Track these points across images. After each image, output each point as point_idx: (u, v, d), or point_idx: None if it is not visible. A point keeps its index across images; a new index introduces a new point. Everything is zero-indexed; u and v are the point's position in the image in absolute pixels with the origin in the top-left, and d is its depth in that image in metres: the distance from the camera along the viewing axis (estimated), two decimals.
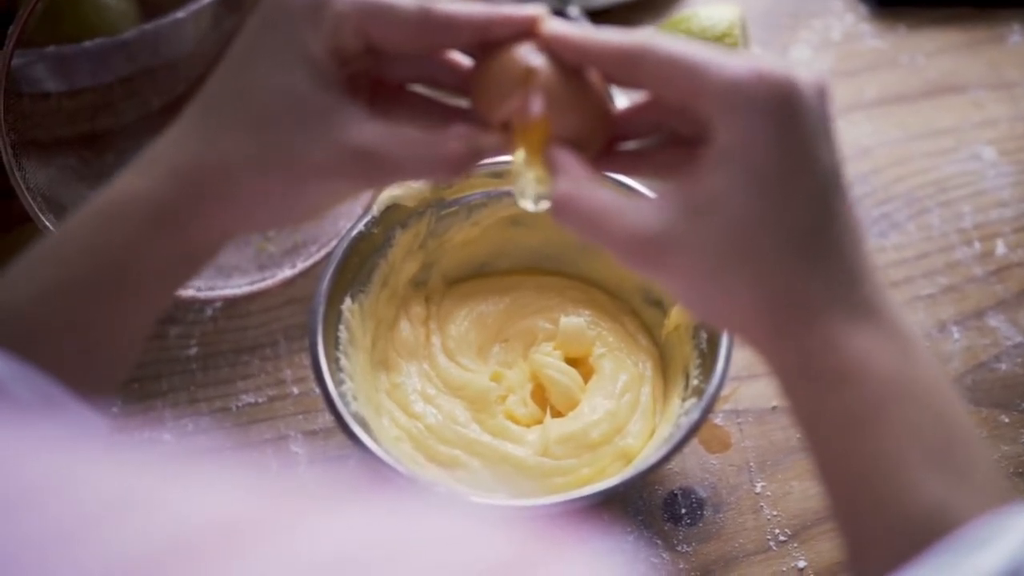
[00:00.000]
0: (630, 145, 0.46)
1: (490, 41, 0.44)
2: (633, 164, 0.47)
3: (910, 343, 0.41)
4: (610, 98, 0.45)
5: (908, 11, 0.90)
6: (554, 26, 0.43)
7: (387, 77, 0.46)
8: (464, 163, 0.43)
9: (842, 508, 0.41)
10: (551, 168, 0.43)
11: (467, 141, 0.43)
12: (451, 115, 0.47)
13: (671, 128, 0.45)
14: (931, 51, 0.88)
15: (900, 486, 0.39)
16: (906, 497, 0.39)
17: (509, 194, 0.66)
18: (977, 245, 0.75)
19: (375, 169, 0.43)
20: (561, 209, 0.42)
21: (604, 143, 0.45)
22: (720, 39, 0.70)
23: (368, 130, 0.42)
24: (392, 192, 0.64)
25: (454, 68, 0.46)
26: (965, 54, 0.87)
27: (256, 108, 0.42)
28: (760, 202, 0.39)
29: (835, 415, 0.40)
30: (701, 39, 0.70)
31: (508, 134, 0.44)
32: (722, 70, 0.40)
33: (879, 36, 0.89)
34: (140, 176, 0.43)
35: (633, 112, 0.45)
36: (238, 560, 0.22)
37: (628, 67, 0.42)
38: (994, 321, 0.71)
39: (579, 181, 0.42)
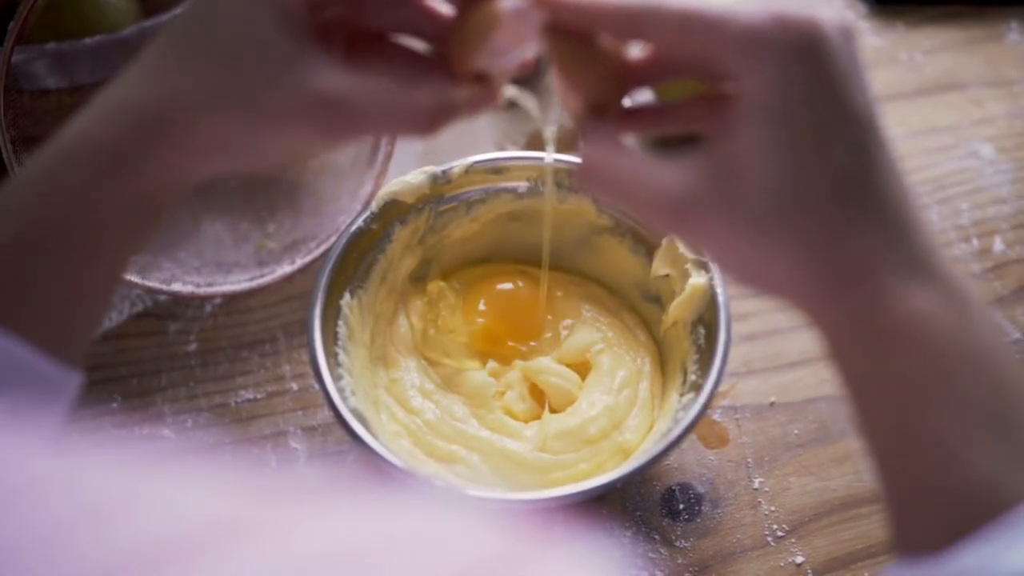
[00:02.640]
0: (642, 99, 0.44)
1: None
2: (657, 120, 0.44)
3: (968, 304, 0.38)
4: (624, 51, 0.42)
5: (906, 9, 0.90)
6: None
7: (365, 25, 0.44)
8: (435, 118, 0.41)
9: (890, 482, 0.39)
10: (579, 132, 0.41)
11: (438, 94, 0.41)
12: (433, 68, 0.44)
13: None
14: (929, 49, 0.88)
15: (953, 459, 0.36)
16: (960, 471, 0.36)
17: (508, 190, 0.66)
18: (975, 242, 0.75)
19: (339, 120, 0.41)
20: (588, 176, 0.40)
21: (623, 98, 0.43)
22: None
23: (334, 78, 0.40)
24: (391, 188, 0.64)
25: (435, 17, 0.44)
26: (963, 52, 0.88)
27: (218, 47, 0.41)
28: (794, 155, 0.37)
29: (886, 381, 0.38)
30: None
31: (482, 87, 0.42)
32: (739, 20, 0.37)
33: (878, 34, 0.89)
34: (90, 117, 0.41)
35: (650, 60, 0.43)
36: (236, 556, 0.22)
37: (633, 28, 0.39)
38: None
39: (604, 145, 0.40)
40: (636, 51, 0.43)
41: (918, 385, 0.37)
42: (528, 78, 0.44)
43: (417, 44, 0.46)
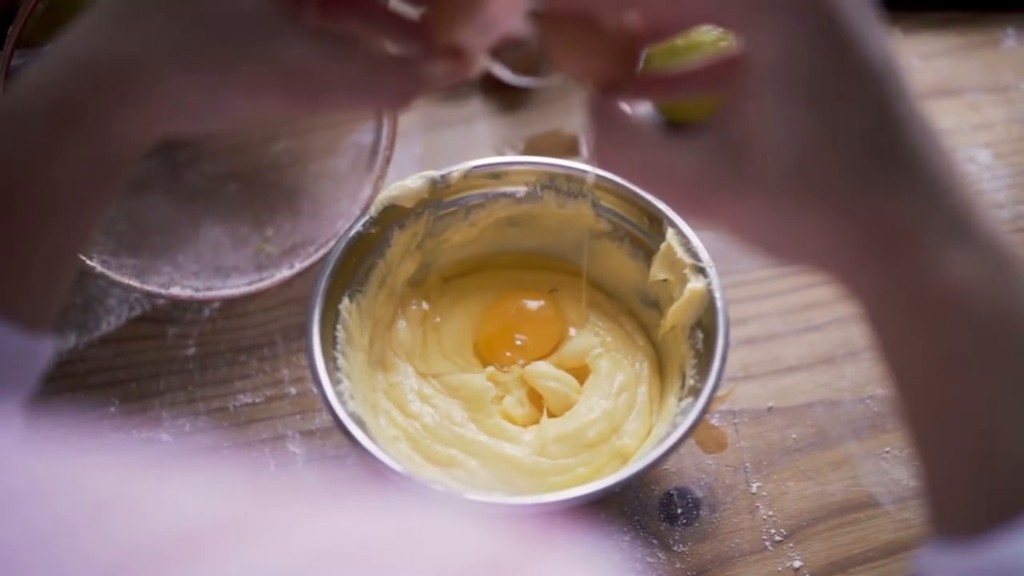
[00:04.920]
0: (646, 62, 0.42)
1: None
2: (670, 89, 0.43)
3: (1012, 267, 0.36)
4: (623, 22, 0.40)
5: (904, 15, 0.90)
6: None
7: None
8: (406, 94, 0.40)
9: (930, 461, 0.36)
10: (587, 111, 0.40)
11: (410, 69, 0.40)
12: (411, 33, 0.42)
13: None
14: (927, 54, 0.88)
15: (998, 437, 0.34)
16: (1005, 451, 0.34)
17: (506, 195, 0.66)
18: None
19: (305, 91, 0.40)
20: (600, 159, 0.39)
21: (633, 68, 0.41)
22: (716, 39, 0.70)
23: (301, 49, 0.39)
24: (390, 193, 0.64)
25: None
26: (960, 57, 0.88)
27: (182, 5, 0.39)
28: (811, 118, 0.35)
29: (927, 354, 0.36)
30: (697, 38, 0.70)
31: (458, 61, 0.41)
32: None
33: None
34: (44, 74, 0.39)
35: (652, 23, 0.40)
36: (236, 556, 0.22)
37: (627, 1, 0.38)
38: None
39: (616, 129, 0.39)
40: (635, 17, 0.41)
41: (960, 358, 0.35)
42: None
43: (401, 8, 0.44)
